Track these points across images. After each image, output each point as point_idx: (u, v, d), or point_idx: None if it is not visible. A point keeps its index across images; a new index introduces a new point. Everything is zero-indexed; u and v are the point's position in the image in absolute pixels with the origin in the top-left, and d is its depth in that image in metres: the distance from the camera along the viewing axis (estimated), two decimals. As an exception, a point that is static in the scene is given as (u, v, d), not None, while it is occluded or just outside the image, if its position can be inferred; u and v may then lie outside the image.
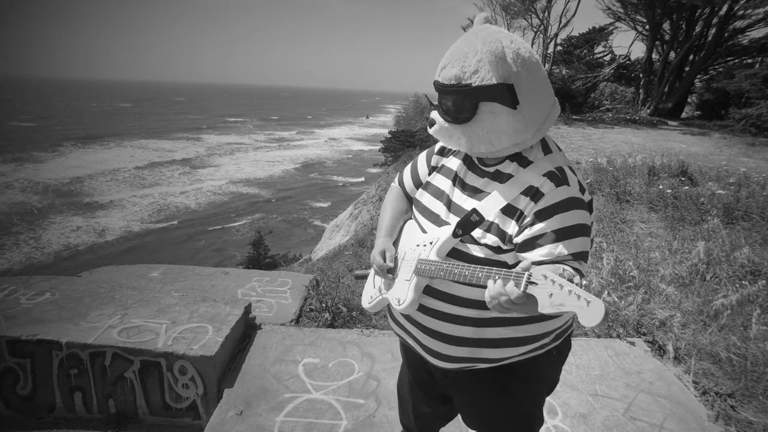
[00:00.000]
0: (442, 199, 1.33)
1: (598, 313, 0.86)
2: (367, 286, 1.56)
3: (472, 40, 1.15)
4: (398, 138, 22.27)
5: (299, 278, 4.01)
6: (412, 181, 1.51)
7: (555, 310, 0.92)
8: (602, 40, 21.00)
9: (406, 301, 1.29)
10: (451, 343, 1.29)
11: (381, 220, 1.52)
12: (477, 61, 1.12)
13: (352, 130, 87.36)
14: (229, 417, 2.30)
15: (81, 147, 53.05)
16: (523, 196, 1.16)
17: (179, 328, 2.63)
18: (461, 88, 1.15)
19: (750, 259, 3.97)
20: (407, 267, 1.34)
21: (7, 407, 2.56)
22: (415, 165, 1.51)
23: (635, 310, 3.39)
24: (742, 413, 2.45)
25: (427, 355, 1.37)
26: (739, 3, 15.33)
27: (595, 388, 2.59)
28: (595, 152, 9.47)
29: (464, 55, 1.14)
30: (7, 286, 2.97)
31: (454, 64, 1.16)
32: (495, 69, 1.11)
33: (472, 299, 1.23)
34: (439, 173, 1.40)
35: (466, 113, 1.17)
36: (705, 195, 5.45)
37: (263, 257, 19.69)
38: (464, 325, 1.26)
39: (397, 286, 1.35)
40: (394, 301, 1.35)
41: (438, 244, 1.26)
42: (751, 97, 13.31)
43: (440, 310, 1.28)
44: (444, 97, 1.21)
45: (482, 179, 1.26)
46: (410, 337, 1.42)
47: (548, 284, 0.93)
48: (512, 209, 1.17)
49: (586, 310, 0.87)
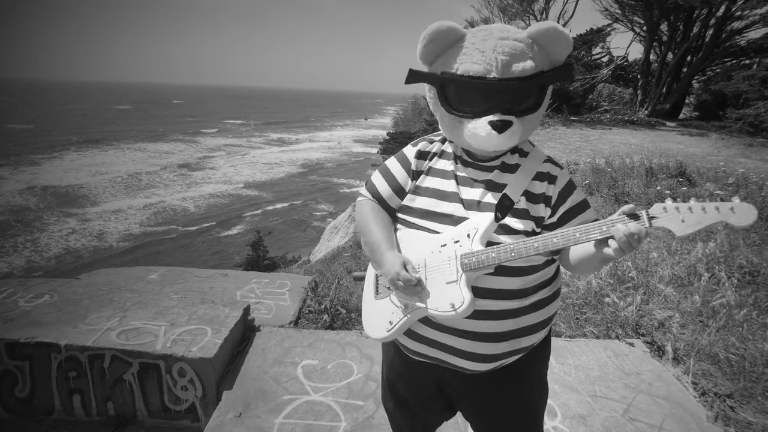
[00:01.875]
0: (452, 199, 1.29)
1: (749, 212, 0.91)
2: (376, 313, 1.39)
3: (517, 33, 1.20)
4: (396, 139, 22.31)
5: (298, 280, 4.01)
6: (390, 188, 1.40)
7: (694, 229, 0.97)
8: (600, 42, 21.01)
9: (465, 301, 1.17)
10: (494, 341, 1.27)
11: (372, 235, 1.37)
12: (536, 51, 1.19)
13: (351, 132, 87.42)
14: (228, 419, 2.30)
15: (79, 150, 52.94)
16: (538, 181, 1.27)
17: (178, 330, 2.63)
18: (542, 75, 1.18)
19: (748, 259, 3.98)
20: (441, 270, 1.24)
21: (6, 410, 2.55)
22: (389, 172, 1.42)
23: (634, 310, 3.39)
24: (741, 414, 2.46)
25: (464, 360, 1.30)
26: (736, 4, 15.37)
27: (594, 389, 2.60)
28: (593, 153, 9.49)
29: (522, 49, 1.17)
30: (6, 289, 2.97)
31: (519, 57, 1.16)
32: (568, 49, 1.20)
33: (513, 290, 1.25)
34: (429, 176, 1.36)
35: (536, 100, 1.22)
36: (703, 196, 5.46)
37: (262, 259, 19.67)
38: (506, 319, 1.26)
39: (437, 293, 1.23)
40: (444, 309, 1.20)
41: (480, 233, 1.20)
42: (749, 98, 13.35)
43: (483, 309, 1.24)
44: (512, 93, 1.18)
45: (491, 173, 1.30)
46: (440, 349, 1.32)
47: (672, 213, 0.99)
48: (535, 196, 1.26)
49: (733, 216, 0.93)
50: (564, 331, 3.31)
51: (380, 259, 1.32)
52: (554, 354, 1.83)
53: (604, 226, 1.06)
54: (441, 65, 1.23)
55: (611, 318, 3.37)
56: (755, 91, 12.95)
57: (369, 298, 1.44)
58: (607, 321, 3.35)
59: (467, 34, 1.22)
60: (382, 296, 1.38)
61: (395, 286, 1.26)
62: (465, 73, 1.18)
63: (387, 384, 1.58)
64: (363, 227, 1.42)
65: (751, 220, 0.90)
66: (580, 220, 1.26)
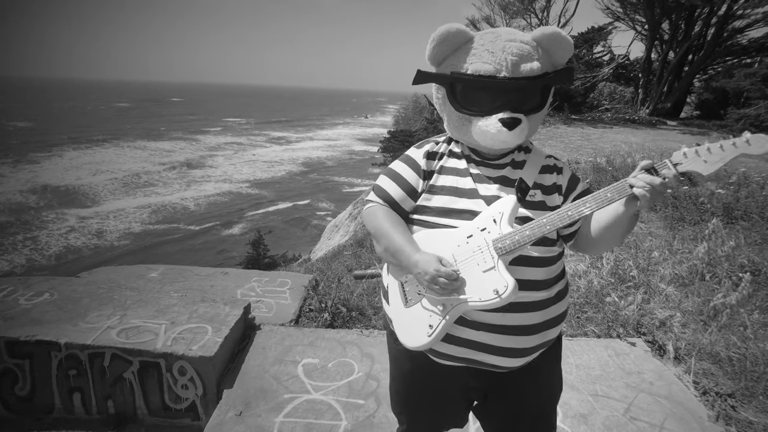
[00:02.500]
0: (471, 195, 1.30)
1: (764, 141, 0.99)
2: (411, 321, 1.32)
3: (523, 36, 1.26)
4: (397, 138, 22.29)
5: (298, 278, 4.00)
6: (402, 190, 1.37)
7: (717, 166, 1.05)
8: (601, 40, 20.95)
9: (509, 284, 1.15)
10: (527, 333, 1.28)
11: (392, 240, 1.31)
12: (541, 53, 1.25)
13: (352, 130, 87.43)
14: (228, 418, 2.29)
15: (79, 148, 53.00)
16: (546, 174, 1.34)
17: (178, 328, 2.62)
18: (548, 75, 1.24)
19: (750, 258, 3.97)
20: (474, 260, 1.22)
21: (6, 408, 2.55)
22: (399, 176, 1.39)
23: (635, 310, 3.39)
24: (742, 413, 2.45)
25: (497, 357, 1.28)
26: (738, 3, 15.32)
27: (596, 388, 2.59)
28: (594, 152, 9.47)
29: (529, 50, 1.23)
30: (6, 287, 2.96)
31: (527, 57, 1.22)
32: (569, 53, 1.27)
33: (539, 280, 1.29)
34: (442, 174, 1.35)
35: (541, 100, 1.28)
36: (704, 195, 5.44)
37: (262, 257, 19.69)
38: (535, 311, 1.29)
39: (476, 284, 1.20)
40: (487, 297, 1.18)
41: (507, 215, 1.22)
42: (751, 96, 13.32)
43: (516, 302, 1.22)
44: (521, 92, 1.24)
45: (503, 169, 1.34)
46: (473, 348, 1.29)
47: (693, 156, 1.07)
48: (547, 188, 1.33)
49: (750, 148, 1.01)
50: (565, 331, 3.30)
51: (409, 262, 1.26)
52: (555, 353, 1.87)
53: (633, 180, 1.12)
54: (450, 66, 1.28)
55: (612, 317, 3.37)
56: (757, 89, 12.91)
57: (398, 309, 1.37)
58: (608, 320, 3.35)
59: (476, 36, 1.28)
60: (413, 303, 1.33)
61: (436, 284, 1.21)
62: (476, 72, 1.22)
63: (403, 392, 1.53)
64: (380, 233, 1.35)
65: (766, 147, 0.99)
66: None
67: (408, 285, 1.35)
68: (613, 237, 1.26)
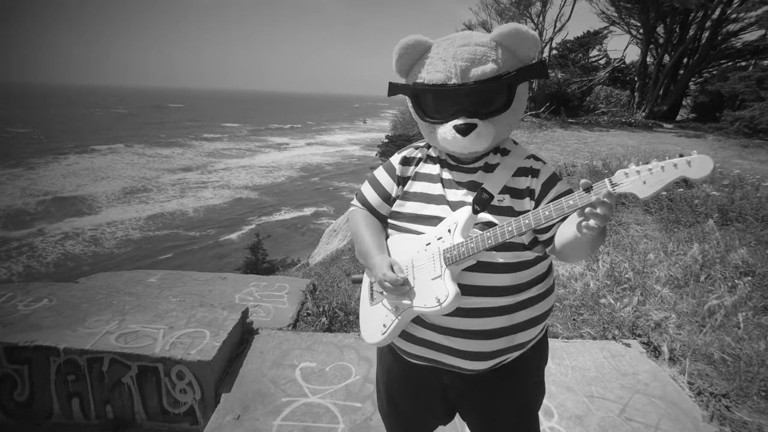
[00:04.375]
0: (438, 201, 1.33)
1: (705, 163, 0.92)
2: (371, 319, 1.42)
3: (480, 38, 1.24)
4: (395, 142, 22.28)
5: (296, 283, 4.02)
6: (378, 196, 1.44)
7: (657, 189, 0.98)
8: (597, 44, 21.09)
9: (450, 294, 1.19)
10: (488, 338, 1.29)
11: (363, 242, 1.41)
12: (500, 52, 1.23)
13: (351, 135, 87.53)
14: (226, 421, 2.31)
15: (78, 154, 52.93)
16: (521, 176, 1.29)
17: (177, 333, 2.64)
18: (505, 76, 1.21)
19: (744, 260, 4.00)
20: (426, 268, 1.26)
21: (5, 414, 2.56)
22: (377, 182, 1.46)
23: (631, 311, 3.41)
24: (736, 413, 2.47)
25: (460, 359, 1.31)
26: (731, 6, 15.46)
27: (591, 389, 2.61)
28: (591, 155, 9.52)
29: (483, 53, 1.22)
30: (5, 293, 2.98)
31: (479, 60, 1.21)
32: (535, 47, 1.23)
33: (503, 286, 1.27)
34: (416, 180, 1.39)
35: (504, 101, 1.24)
36: (699, 197, 5.48)
37: (261, 262, 19.66)
38: (500, 315, 1.28)
39: (424, 291, 1.26)
40: (430, 305, 1.23)
41: (460, 226, 1.23)
42: (746, 99, 13.41)
43: (475, 307, 1.26)
44: (476, 96, 1.23)
45: (475, 174, 1.33)
46: (436, 350, 1.34)
47: (633, 177, 1.00)
48: (518, 191, 1.28)
49: (690, 170, 0.94)
50: (561, 333, 3.32)
51: (371, 263, 1.36)
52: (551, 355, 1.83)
53: (571, 201, 1.06)
54: (413, 76, 1.31)
55: (608, 319, 3.39)
56: (751, 91, 13.01)
57: (365, 305, 1.48)
58: (603, 322, 3.37)
59: (434, 44, 1.29)
60: (377, 302, 1.41)
61: (384, 287, 1.30)
62: (429, 81, 1.25)
63: (384, 391, 1.58)
64: (355, 236, 1.47)
65: (707, 171, 0.91)
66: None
67: (375, 285, 1.43)
68: (575, 252, 1.21)
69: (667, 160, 0.96)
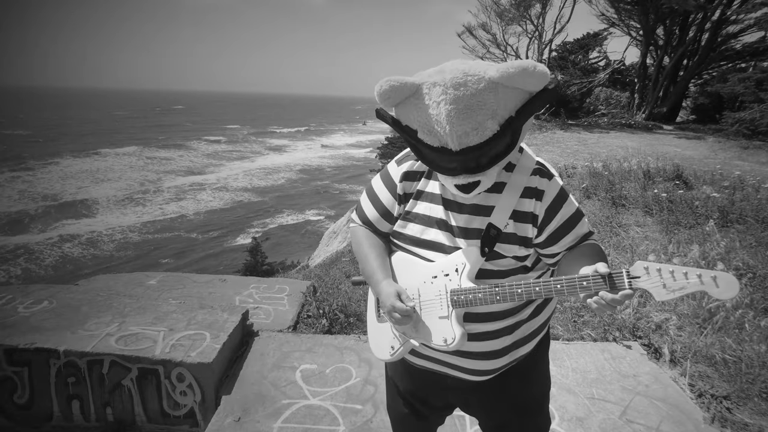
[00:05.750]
0: (440, 226, 1.27)
1: (731, 285, 0.90)
2: (380, 335, 1.43)
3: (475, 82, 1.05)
4: (395, 144, 22.33)
5: (297, 285, 4.01)
6: (378, 214, 1.38)
7: (674, 296, 0.95)
8: (597, 46, 21.14)
9: (456, 337, 1.21)
10: (492, 358, 1.30)
11: (367, 264, 1.37)
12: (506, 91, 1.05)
13: (351, 137, 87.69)
14: (227, 424, 2.30)
15: (78, 157, 52.98)
16: (526, 199, 1.21)
17: (177, 335, 2.63)
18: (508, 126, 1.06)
19: (745, 261, 3.99)
20: (434, 304, 1.26)
21: (5, 416, 2.55)
22: (375, 198, 1.39)
23: (631, 313, 3.41)
24: (737, 415, 2.46)
25: (464, 374, 1.34)
26: (731, 8, 15.47)
27: (592, 391, 2.61)
28: (591, 157, 9.53)
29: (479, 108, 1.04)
30: (5, 295, 2.97)
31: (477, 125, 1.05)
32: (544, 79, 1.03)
33: (506, 310, 1.27)
34: (419, 200, 1.32)
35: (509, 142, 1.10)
36: (700, 198, 5.48)
37: (261, 264, 19.67)
38: (503, 336, 1.29)
39: (431, 327, 1.26)
40: (438, 343, 1.24)
41: (467, 269, 1.21)
42: (745, 100, 13.41)
43: (479, 332, 1.27)
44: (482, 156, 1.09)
45: (479, 195, 1.23)
46: (440, 365, 1.36)
47: (654, 277, 0.97)
48: (522, 214, 1.21)
49: (716, 289, 0.91)
50: (561, 335, 3.32)
51: (377, 288, 1.33)
52: (552, 357, 1.83)
53: (585, 282, 1.05)
54: (403, 116, 1.16)
55: (608, 321, 3.38)
56: (751, 93, 13.01)
57: (372, 320, 1.48)
58: (604, 324, 3.36)
59: (421, 88, 1.10)
60: (383, 320, 1.42)
61: (392, 317, 1.27)
62: (423, 140, 1.12)
63: (391, 383, 1.60)
64: (358, 255, 1.43)
65: (733, 293, 0.89)
66: (572, 236, 1.24)
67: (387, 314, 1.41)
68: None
69: (692, 268, 0.93)
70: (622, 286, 1.01)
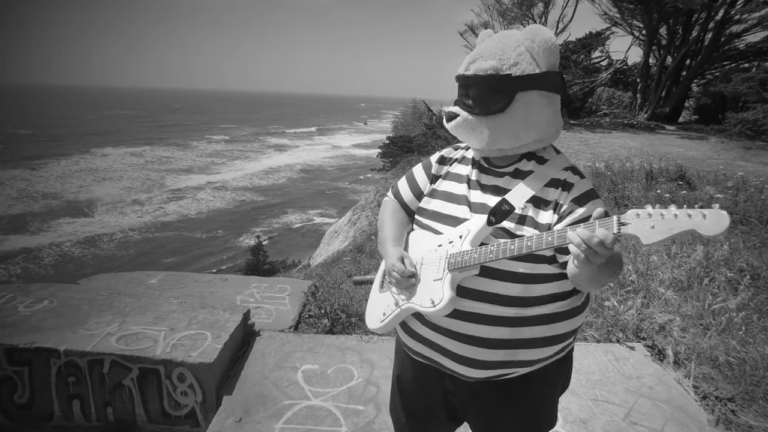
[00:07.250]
0: (459, 201, 1.32)
1: (721, 219, 0.84)
2: (376, 305, 1.47)
3: (509, 36, 1.22)
4: (396, 144, 22.28)
5: (298, 284, 4.00)
6: (411, 192, 1.47)
7: (661, 237, 0.90)
8: (599, 45, 21.05)
9: (444, 299, 1.20)
10: (487, 347, 1.23)
11: (384, 231, 1.46)
12: (517, 54, 1.18)
13: (351, 136, 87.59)
14: (228, 424, 2.29)
15: (79, 155, 52.98)
16: (551, 188, 1.22)
17: (178, 335, 2.62)
18: (503, 78, 1.17)
19: (749, 262, 3.97)
20: (432, 268, 1.28)
21: (5, 416, 2.55)
22: (413, 177, 1.49)
23: (635, 314, 3.39)
24: (742, 417, 2.45)
25: (457, 364, 1.28)
26: (735, 7, 15.42)
27: (595, 392, 2.59)
28: (593, 157, 9.50)
29: (501, 50, 1.19)
30: (5, 294, 2.97)
31: (489, 57, 1.20)
32: (546, 57, 1.18)
33: (511, 296, 1.20)
34: (446, 180, 1.40)
35: (501, 103, 1.19)
36: (703, 199, 5.46)
37: (262, 263, 19.63)
38: (501, 326, 1.22)
39: (424, 289, 1.27)
40: (425, 305, 1.25)
41: (472, 235, 1.21)
42: (748, 100, 13.37)
43: (475, 312, 1.22)
44: (473, 89, 1.22)
45: (502, 178, 1.29)
46: (435, 350, 1.32)
47: (645, 219, 0.92)
48: (543, 201, 1.21)
49: (704, 224, 0.86)
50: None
51: (386, 252, 1.41)
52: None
53: (571, 233, 1.00)
54: None
55: (612, 322, 3.37)
56: (754, 93, 12.96)
57: (375, 291, 1.52)
58: (607, 325, 3.34)
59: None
60: (385, 290, 1.46)
61: (391, 276, 1.34)
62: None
63: (396, 383, 1.59)
64: (379, 224, 1.53)
65: (721, 228, 0.84)
66: None
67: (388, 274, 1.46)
68: (580, 283, 1.16)
69: (684, 209, 0.89)
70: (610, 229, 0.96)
